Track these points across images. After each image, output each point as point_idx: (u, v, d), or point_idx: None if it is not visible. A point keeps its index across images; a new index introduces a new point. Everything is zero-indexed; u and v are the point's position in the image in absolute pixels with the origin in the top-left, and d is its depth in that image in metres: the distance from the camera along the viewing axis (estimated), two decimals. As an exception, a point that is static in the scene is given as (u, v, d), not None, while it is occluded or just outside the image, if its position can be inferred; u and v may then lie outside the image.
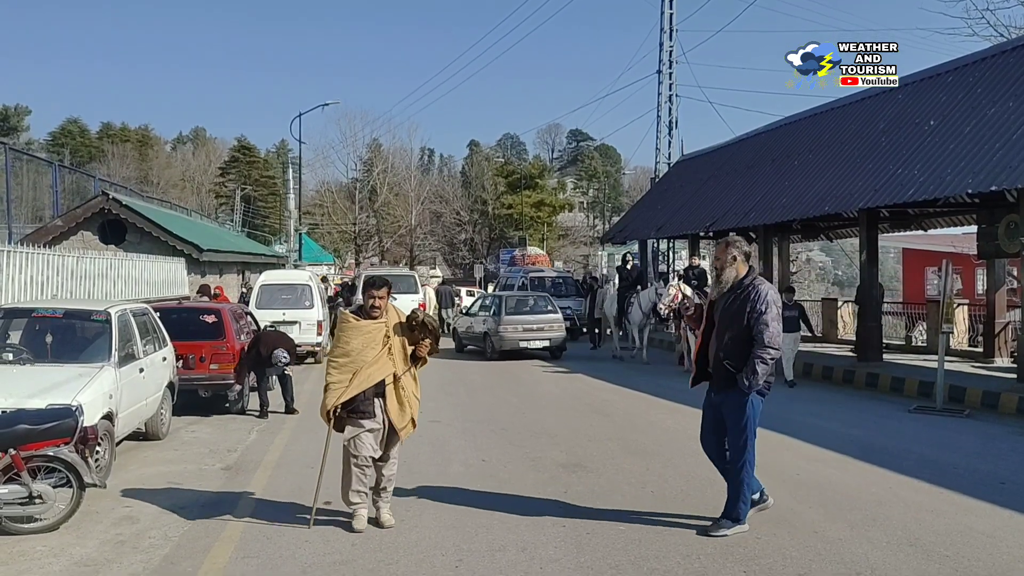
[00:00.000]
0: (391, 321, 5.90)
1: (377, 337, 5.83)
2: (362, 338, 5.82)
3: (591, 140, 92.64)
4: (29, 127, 78.02)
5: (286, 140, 77.76)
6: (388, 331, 5.86)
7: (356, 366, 5.78)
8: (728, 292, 5.72)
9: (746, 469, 5.72)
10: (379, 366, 5.82)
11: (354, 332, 5.86)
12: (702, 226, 20.80)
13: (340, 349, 5.89)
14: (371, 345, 5.81)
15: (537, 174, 62.00)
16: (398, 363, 5.91)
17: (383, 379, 5.85)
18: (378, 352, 5.81)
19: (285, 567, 5.15)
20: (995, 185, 11.49)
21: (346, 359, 5.83)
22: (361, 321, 5.88)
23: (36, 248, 11.97)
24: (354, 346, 5.81)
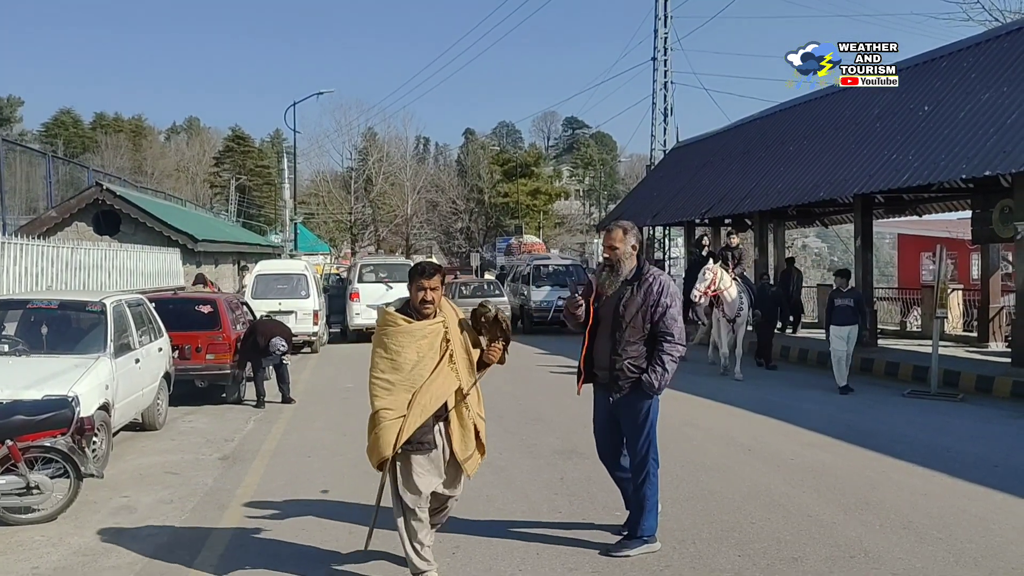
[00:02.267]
0: (449, 319, 4.47)
1: (435, 343, 4.39)
2: (417, 346, 4.34)
3: (587, 128, 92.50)
4: (22, 118, 77.72)
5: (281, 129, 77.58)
6: (448, 332, 4.44)
7: (413, 385, 4.32)
8: (624, 285, 5.10)
9: (649, 481, 5.11)
10: (442, 382, 4.37)
11: (406, 339, 4.35)
12: (698, 213, 20.83)
13: (388, 362, 4.36)
14: (429, 354, 4.36)
15: (533, 162, 61.94)
16: (463, 374, 4.44)
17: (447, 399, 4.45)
18: (438, 363, 4.38)
19: (283, 555, 5.18)
20: (989, 170, 11.51)
21: (398, 376, 4.34)
22: (413, 323, 4.38)
23: (31, 239, 11.95)
24: (407, 358, 4.32)
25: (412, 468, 4.43)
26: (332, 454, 8.04)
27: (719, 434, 8.81)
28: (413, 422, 4.30)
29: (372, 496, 6.44)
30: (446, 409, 4.43)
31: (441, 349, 4.41)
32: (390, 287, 19.79)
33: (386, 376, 4.38)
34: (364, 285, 19.92)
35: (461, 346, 4.48)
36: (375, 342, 4.48)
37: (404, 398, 4.32)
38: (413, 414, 4.29)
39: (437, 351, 4.40)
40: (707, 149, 24.50)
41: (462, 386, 4.44)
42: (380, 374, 4.40)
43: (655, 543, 5.15)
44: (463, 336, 4.50)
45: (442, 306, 4.49)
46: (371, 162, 57.50)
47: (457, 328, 4.49)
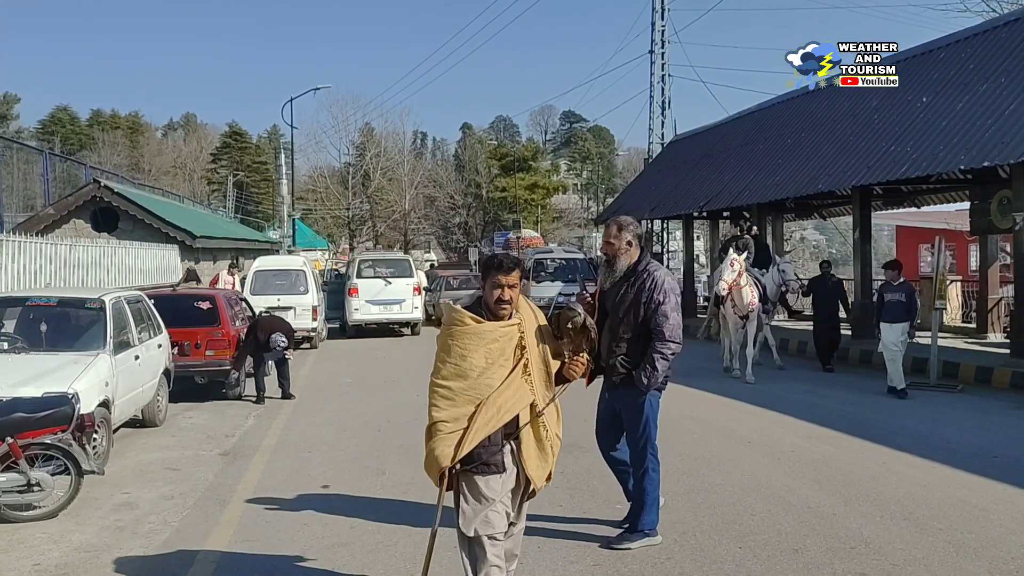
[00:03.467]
0: (527, 322, 3.83)
1: (507, 348, 3.76)
2: (486, 350, 3.72)
3: (584, 121, 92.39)
4: (18, 115, 77.45)
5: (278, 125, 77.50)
6: (523, 338, 3.80)
7: (479, 395, 3.69)
8: (621, 280, 5.10)
9: (648, 476, 5.12)
10: (512, 394, 3.74)
11: (474, 341, 3.72)
12: (696, 206, 20.82)
13: (452, 367, 3.73)
14: (499, 361, 3.74)
15: (530, 156, 61.82)
16: (538, 388, 3.82)
17: (518, 414, 3.81)
18: (509, 372, 3.75)
19: (284, 550, 5.19)
20: (987, 161, 11.50)
21: (462, 383, 3.70)
22: (483, 324, 3.76)
23: (29, 237, 11.94)
24: (474, 363, 3.71)
25: (479, 491, 3.72)
26: (332, 449, 8.05)
27: (719, 427, 8.83)
28: (475, 436, 3.64)
29: (373, 490, 6.52)
30: (517, 426, 3.76)
31: (515, 357, 3.77)
32: (388, 282, 19.80)
33: (448, 383, 3.71)
34: (362, 280, 19.93)
35: (539, 355, 3.83)
36: (439, 343, 3.83)
37: (466, 410, 3.67)
38: (476, 427, 3.64)
39: (510, 358, 3.75)
40: (705, 142, 24.48)
41: (536, 402, 3.78)
42: (441, 380, 3.74)
43: (656, 536, 5.16)
44: (542, 344, 3.86)
45: (520, 307, 3.84)
46: (368, 157, 57.41)
47: (535, 334, 3.84)
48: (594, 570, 4.80)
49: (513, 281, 3.76)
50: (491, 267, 3.79)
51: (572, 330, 3.90)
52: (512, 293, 3.76)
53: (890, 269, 11.43)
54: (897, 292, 10.94)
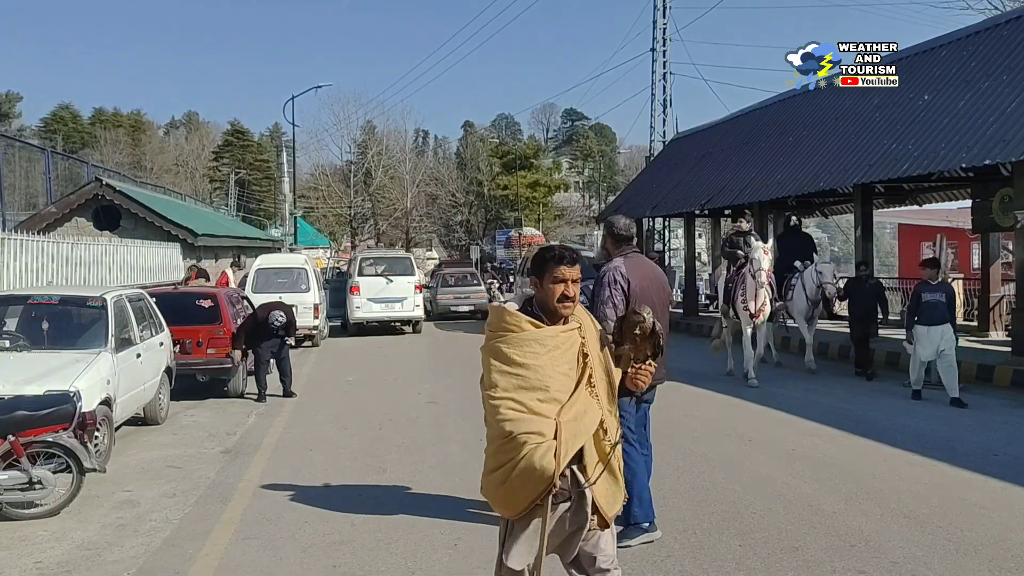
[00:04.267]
0: (587, 326, 3.23)
1: (570, 357, 3.12)
2: (548, 359, 3.09)
3: (586, 119, 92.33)
4: (21, 113, 77.57)
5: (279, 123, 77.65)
6: (585, 344, 3.18)
7: (550, 409, 3.00)
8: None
9: (626, 467, 4.56)
10: (583, 409, 3.07)
11: (535, 348, 3.09)
12: (697, 204, 20.81)
13: (513, 378, 3.04)
14: (562, 370, 3.09)
15: (532, 154, 61.85)
16: (603, 401, 3.18)
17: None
18: (575, 384, 3.09)
19: (285, 547, 5.20)
20: (989, 159, 11.49)
21: (529, 395, 3.00)
22: (543, 328, 3.14)
23: (31, 235, 11.96)
24: (545, 372, 3.03)
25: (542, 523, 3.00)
26: (334, 447, 8.06)
27: (720, 425, 8.83)
28: (568, 447, 2.94)
29: (374, 488, 6.53)
30: (582, 447, 3.05)
31: (578, 363, 3.10)
32: (390, 280, 19.82)
33: (512, 395, 3.00)
34: (364, 279, 19.95)
35: (601, 364, 3.16)
36: (489, 353, 3.12)
37: (545, 423, 2.94)
38: (567, 439, 2.93)
39: (573, 368, 3.08)
40: (706, 140, 24.46)
41: (603, 418, 3.09)
42: (503, 393, 3.00)
43: (655, 531, 5.16)
44: (603, 351, 3.22)
45: (578, 310, 3.25)
46: (370, 155, 57.45)
47: (596, 340, 3.21)
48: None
49: (576, 275, 3.19)
50: (549, 260, 3.20)
51: (640, 336, 3.24)
52: (575, 290, 3.17)
53: (928, 267, 10.57)
54: (936, 292, 10.17)
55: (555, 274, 3.16)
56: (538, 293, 3.22)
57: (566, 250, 3.24)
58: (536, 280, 3.22)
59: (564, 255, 3.20)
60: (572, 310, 3.17)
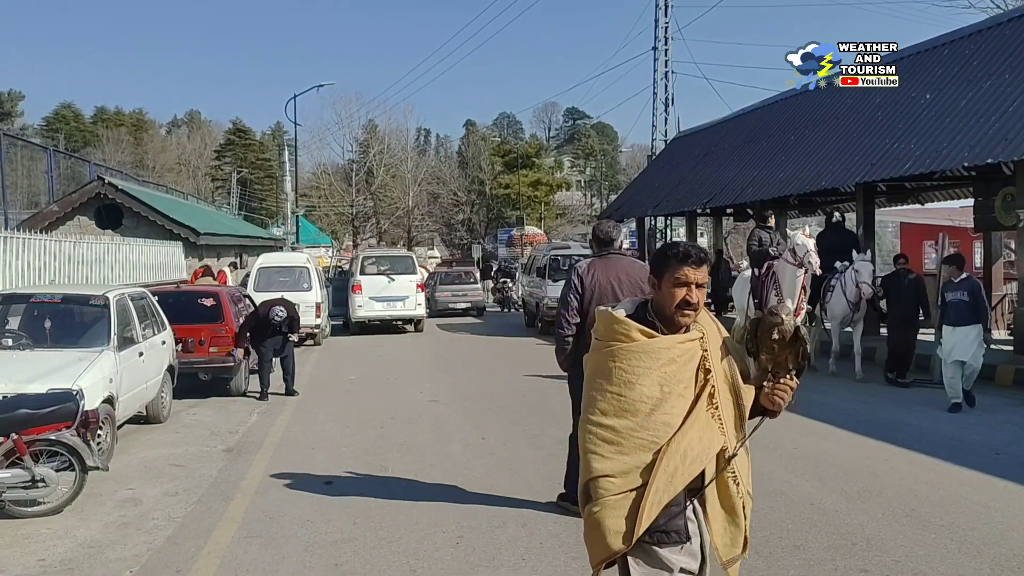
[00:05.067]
0: (710, 335, 2.77)
1: (687, 372, 2.70)
2: (660, 375, 2.66)
3: (588, 118, 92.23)
4: (23, 112, 77.65)
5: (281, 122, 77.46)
6: (707, 357, 2.73)
7: (654, 437, 2.62)
8: None
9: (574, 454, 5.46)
10: (699, 436, 2.66)
11: (645, 362, 2.66)
12: (699, 203, 20.81)
13: (613, 399, 2.66)
14: (677, 390, 2.67)
15: (534, 153, 61.85)
16: (728, 425, 2.73)
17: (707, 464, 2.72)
18: (691, 405, 2.68)
19: (288, 546, 5.21)
20: (991, 158, 11.48)
21: (629, 422, 2.63)
22: (657, 339, 2.70)
23: (33, 234, 11.97)
24: (645, 392, 2.63)
25: (659, 560, 2.64)
26: (336, 446, 8.07)
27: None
28: (658, 499, 2.55)
29: (376, 487, 6.53)
30: (702, 479, 2.67)
31: (696, 383, 2.67)
32: (392, 279, 19.82)
33: (609, 422, 2.62)
34: (366, 277, 19.96)
35: (726, 379, 2.72)
36: (590, 366, 2.75)
37: (640, 460, 2.58)
38: (657, 486, 2.54)
39: (690, 386, 2.66)
40: (708, 139, 24.45)
41: (726, 445, 2.67)
42: (599, 418, 2.64)
43: None
44: (728, 363, 2.75)
45: (701, 316, 2.78)
46: (372, 154, 57.47)
47: (720, 350, 2.75)
48: (596, 566, 4.81)
49: (702, 278, 2.73)
50: (671, 258, 2.74)
51: (778, 342, 2.73)
52: (700, 296, 2.71)
53: (949, 264, 9.92)
54: (958, 290, 9.51)
55: (677, 275, 2.70)
56: (655, 296, 2.78)
57: (692, 248, 2.75)
58: (654, 280, 2.78)
59: (690, 253, 2.72)
60: (693, 319, 2.72)
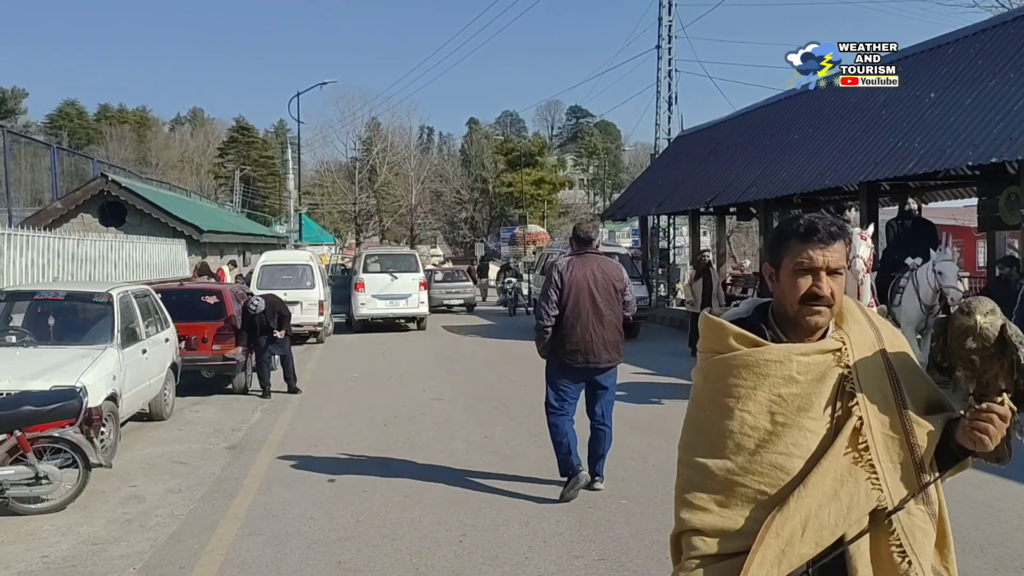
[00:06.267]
0: (857, 341, 1.94)
1: (818, 396, 1.89)
2: (772, 398, 1.88)
3: (591, 117, 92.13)
4: (27, 110, 77.75)
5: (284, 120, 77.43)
6: (852, 375, 1.90)
7: (766, 483, 1.85)
8: None
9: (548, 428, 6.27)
10: (833, 490, 1.83)
11: (749, 380, 1.90)
12: (702, 201, 20.78)
13: (706, 430, 1.96)
14: (800, 422, 1.86)
15: (537, 151, 61.78)
16: (889, 475, 1.86)
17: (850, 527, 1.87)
18: (823, 443, 1.86)
19: (291, 543, 5.21)
20: (996, 157, 11.45)
21: (729, 463, 1.88)
22: (767, 348, 1.92)
23: (36, 231, 11.98)
24: (749, 421, 1.88)
25: None
26: (339, 444, 8.07)
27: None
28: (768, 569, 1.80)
29: (379, 484, 6.53)
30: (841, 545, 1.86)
31: (832, 412, 1.89)
32: (395, 277, 19.81)
33: (701, 460, 1.93)
34: (369, 275, 19.94)
35: (887, 409, 1.90)
36: (697, 385, 2.03)
37: (744, 514, 1.86)
38: (764, 556, 1.80)
39: (823, 416, 1.88)
40: (712, 137, 24.42)
41: (888, 499, 1.87)
42: (690, 454, 1.97)
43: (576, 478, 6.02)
44: (890, 385, 1.93)
45: (844, 315, 1.99)
46: (375, 152, 57.56)
47: (877, 366, 1.93)
48: (599, 564, 4.81)
49: (837, 261, 1.89)
50: (789, 236, 1.93)
51: (978, 351, 1.86)
52: (834, 286, 1.89)
53: (1006, 265, 9.07)
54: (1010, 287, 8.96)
55: (798, 259, 1.89)
56: (775, 291, 1.97)
57: (819, 220, 1.93)
58: (770, 269, 1.99)
59: (816, 227, 1.90)
60: (827, 319, 1.91)
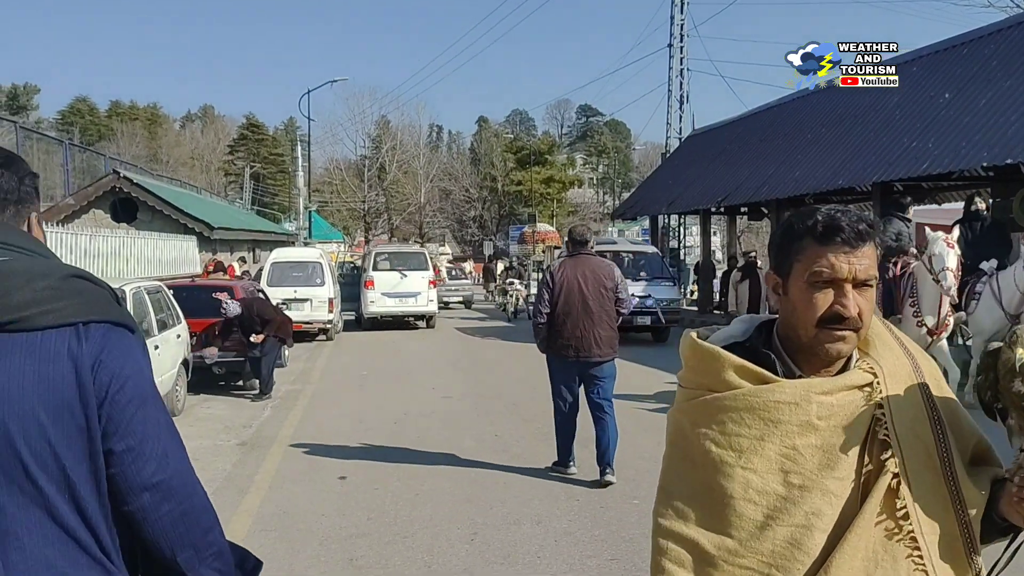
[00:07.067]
0: (893, 376, 1.43)
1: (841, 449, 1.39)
2: (783, 451, 1.38)
3: (601, 115, 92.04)
4: (38, 106, 78.20)
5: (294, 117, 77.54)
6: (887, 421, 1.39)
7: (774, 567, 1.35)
8: None
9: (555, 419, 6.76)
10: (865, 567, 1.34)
11: (750, 427, 1.40)
12: (713, 201, 20.71)
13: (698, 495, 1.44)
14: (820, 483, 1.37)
15: (547, 150, 61.69)
16: (932, 552, 1.36)
17: None
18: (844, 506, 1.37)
19: (303, 540, 5.22)
20: (1011, 158, 11.40)
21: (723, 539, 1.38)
22: (779, 385, 1.41)
23: (49, 227, 12.04)
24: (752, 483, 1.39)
25: None
26: (349, 441, 8.07)
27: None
28: None
29: (390, 481, 6.52)
30: None
31: (861, 463, 1.41)
32: (404, 275, 19.81)
33: (691, 533, 1.42)
34: (379, 273, 19.97)
35: (930, 460, 1.42)
36: (680, 432, 1.53)
37: None
38: None
39: (849, 475, 1.40)
40: (723, 137, 24.35)
41: None
42: (675, 524, 1.45)
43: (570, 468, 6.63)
44: (933, 432, 1.44)
45: (872, 341, 1.49)
46: (384, 150, 57.59)
47: (916, 404, 1.45)
48: (611, 564, 4.80)
49: (865, 270, 1.41)
50: (803, 235, 1.45)
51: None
52: (863, 303, 1.42)
53: None
54: None
55: (815, 267, 1.41)
56: (782, 308, 1.50)
57: (843, 216, 1.42)
58: (775, 279, 1.50)
59: (838, 225, 1.40)
60: (852, 346, 1.43)
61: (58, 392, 1.31)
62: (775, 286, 1.51)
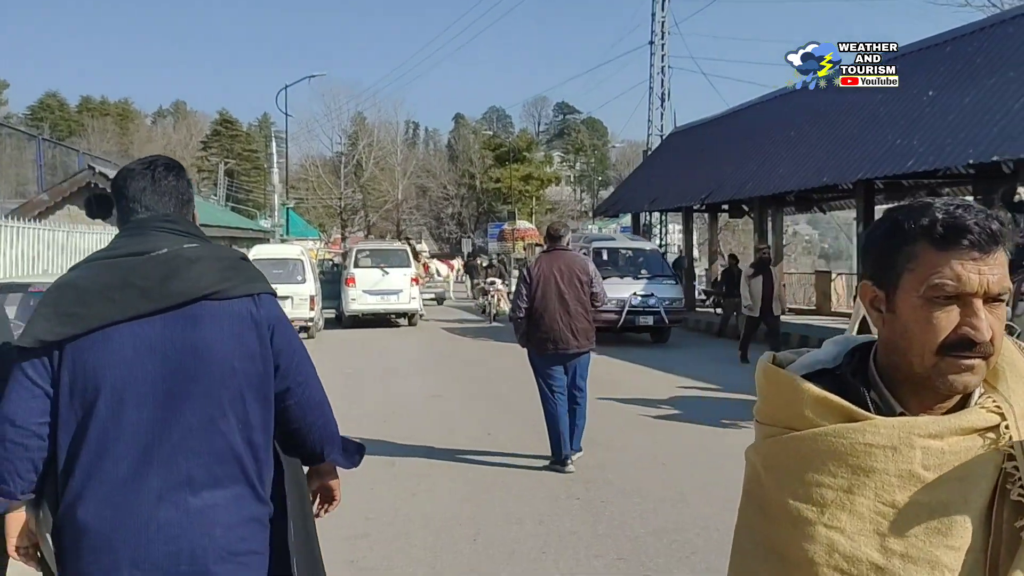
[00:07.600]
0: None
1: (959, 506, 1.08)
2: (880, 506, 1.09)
3: (578, 113, 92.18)
4: (7, 101, 76.63)
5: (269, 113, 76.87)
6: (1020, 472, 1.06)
7: None
8: None
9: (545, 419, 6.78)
10: None
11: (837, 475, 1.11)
12: (697, 199, 20.75)
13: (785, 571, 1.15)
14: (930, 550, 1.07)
15: (524, 147, 61.66)
16: None
17: None
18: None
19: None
20: (996, 156, 11.49)
21: None
22: (873, 421, 1.12)
23: (26, 222, 11.76)
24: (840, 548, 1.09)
25: None
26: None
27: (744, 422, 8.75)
28: None
29: (384, 480, 6.39)
30: None
31: (987, 530, 1.10)
32: (386, 272, 19.63)
33: None
34: (360, 270, 19.77)
35: None
36: (755, 476, 1.25)
37: None
38: None
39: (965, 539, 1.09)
40: (706, 134, 24.42)
41: None
42: None
43: (568, 466, 6.57)
44: None
45: (999, 370, 1.16)
46: (361, 147, 57.26)
47: None
48: (619, 564, 4.72)
49: (998, 282, 1.10)
50: (917, 236, 1.13)
51: None
52: (995, 323, 1.11)
53: None
54: None
55: (936, 278, 1.12)
56: (885, 329, 1.19)
57: (969, 214, 1.12)
58: (874, 292, 1.21)
59: (965, 225, 1.11)
60: (979, 379, 1.14)
61: (246, 346, 1.91)
62: (874, 300, 1.20)
